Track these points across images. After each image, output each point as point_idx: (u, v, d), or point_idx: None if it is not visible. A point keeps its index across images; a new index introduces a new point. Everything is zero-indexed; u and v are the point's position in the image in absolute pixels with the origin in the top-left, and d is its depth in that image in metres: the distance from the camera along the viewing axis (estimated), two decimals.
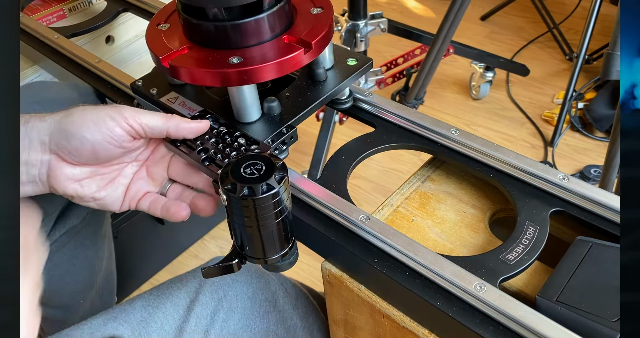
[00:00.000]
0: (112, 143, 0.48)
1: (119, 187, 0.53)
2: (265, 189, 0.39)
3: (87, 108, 0.48)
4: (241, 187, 0.39)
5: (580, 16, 1.75)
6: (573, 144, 1.47)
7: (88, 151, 0.47)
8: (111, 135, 0.47)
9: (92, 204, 0.52)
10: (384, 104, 0.60)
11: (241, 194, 0.39)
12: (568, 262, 0.43)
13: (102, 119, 0.47)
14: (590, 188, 0.48)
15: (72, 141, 0.47)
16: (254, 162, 0.41)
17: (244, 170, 0.40)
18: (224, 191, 0.40)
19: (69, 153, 0.47)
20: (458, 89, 1.69)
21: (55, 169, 0.48)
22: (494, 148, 0.53)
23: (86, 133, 0.46)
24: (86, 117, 0.47)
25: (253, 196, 0.39)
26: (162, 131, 0.49)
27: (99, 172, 0.51)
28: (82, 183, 0.50)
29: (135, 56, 1.02)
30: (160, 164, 0.54)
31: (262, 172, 0.40)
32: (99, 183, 0.51)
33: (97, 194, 0.51)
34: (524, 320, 0.39)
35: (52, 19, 0.97)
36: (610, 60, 0.93)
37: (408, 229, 0.53)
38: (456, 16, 1.26)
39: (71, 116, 0.47)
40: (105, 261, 0.91)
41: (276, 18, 0.50)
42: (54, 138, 0.47)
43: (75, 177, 0.49)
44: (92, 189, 0.51)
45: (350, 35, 1.42)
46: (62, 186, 0.49)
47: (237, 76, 0.48)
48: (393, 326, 0.49)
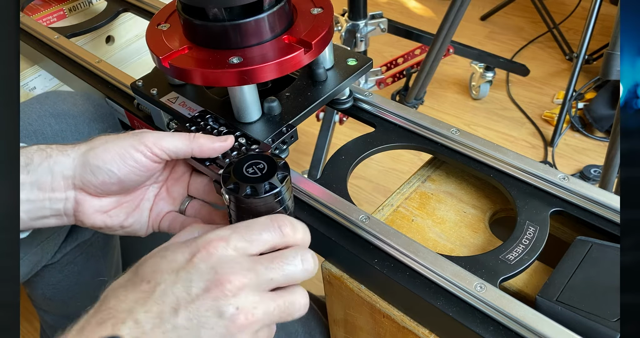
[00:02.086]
0: (138, 172, 0.47)
1: (144, 211, 0.51)
2: (267, 188, 0.39)
3: (108, 140, 0.46)
4: (244, 186, 0.39)
5: (580, 16, 1.75)
6: (573, 144, 1.46)
7: (115, 184, 0.46)
8: (137, 166, 0.46)
9: (120, 232, 0.51)
10: (384, 104, 0.60)
11: (244, 194, 0.39)
12: (568, 262, 0.43)
13: (127, 150, 0.45)
14: (590, 188, 0.48)
15: (98, 175, 0.45)
16: (256, 161, 0.40)
17: (246, 169, 0.40)
18: (226, 191, 0.40)
19: (94, 186, 0.46)
20: (458, 89, 1.69)
21: (82, 203, 0.47)
22: (494, 148, 0.53)
23: (112, 167, 0.45)
24: (110, 150, 0.45)
25: (256, 196, 0.38)
26: (186, 153, 0.47)
27: (124, 200, 0.50)
28: (110, 214, 0.49)
29: (135, 56, 1.02)
30: (180, 182, 0.53)
31: (265, 171, 0.40)
32: (126, 211, 0.50)
33: (125, 222, 0.50)
34: (524, 320, 0.39)
35: (52, 19, 0.97)
36: (610, 60, 0.93)
37: (408, 229, 0.53)
38: (456, 16, 1.26)
39: (94, 150, 0.46)
40: (114, 270, 0.91)
41: (276, 18, 0.50)
42: (79, 173, 0.46)
43: (103, 209, 0.48)
44: (121, 218, 0.50)
45: (350, 35, 1.42)
46: (90, 219, 0.48)
47: (237, 76, 0.48)
48: (393, 326, 0.49)
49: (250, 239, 0.37)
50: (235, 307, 0.34)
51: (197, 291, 0.34)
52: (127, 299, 0.35)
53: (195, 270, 0.35)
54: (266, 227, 0.38)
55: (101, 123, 0.70)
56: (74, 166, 0.46)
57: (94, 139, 0.47)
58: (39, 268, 0.75)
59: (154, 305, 0.34)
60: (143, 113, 0.66)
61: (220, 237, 0.36)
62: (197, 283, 0.35)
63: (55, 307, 0.87)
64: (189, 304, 0.34)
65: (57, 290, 0.83)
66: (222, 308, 0.34)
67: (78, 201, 0.47)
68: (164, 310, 0.34)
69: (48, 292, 0.83)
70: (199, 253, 0.36)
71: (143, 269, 0.37)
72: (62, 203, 0.47)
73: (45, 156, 0.46)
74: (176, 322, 0.34)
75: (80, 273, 0.82)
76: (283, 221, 0.38)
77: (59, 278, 0.80)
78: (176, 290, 0.35)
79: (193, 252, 0.36)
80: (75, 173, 0.46)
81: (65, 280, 0.81)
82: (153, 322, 0.34)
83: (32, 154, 0.46)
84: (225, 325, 0.34)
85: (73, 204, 0.47)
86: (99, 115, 0.70)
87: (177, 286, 0.35)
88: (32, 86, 0.91)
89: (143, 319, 0.34)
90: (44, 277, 0.80)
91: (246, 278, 0.35)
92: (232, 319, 0.34)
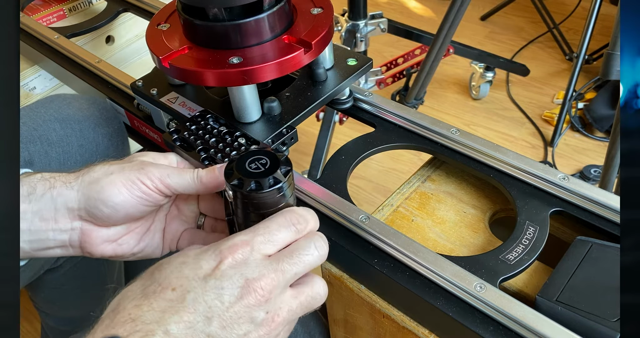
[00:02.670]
0: (146, 203, 0.46)
1: (156, 234, 0.50)
2: (272, 182, 0.39)
3: (113, 171, 0.45)
4: (248, 182, 0.39)
5: (580, 16, 1.75)
6: (573, 144, 1.46)
7: (121, 215, 0.45)
8: (144, 197, 0.45)
9: (133, 258, 0.50)
10: (384, 104, 0.60)
11: (249, 189, 0.39)
12: (568, 262, 0.43)
13: (133, 182, 0.44)
14: (590, 188, 0.48)
15: (104, 209, 0.44)
16: (258, 157, 0.41)
17: (249, 165, 0.40)
18: (230, 187, 0.40)
19: (100, 219, 0.45)
20: (458, 89, 1.69)
21: (89, 234, 0.46)
22: (494, 148, 0.53)
23: (118, 199, 0.44)
24: (116, 183, 0.44)
25: (260, 190, 0.39)
26: (192, 192, 0.46)
27: (133, 226, 0.49)
28: (119, 242, 0.48)
29: (135, 56, 1.02)
30: (189, 201, 0.52)
31: (267, 166, 0.40)
32: (136, 237, 0.49)
33: (135, 248, 0.49)
34: (524, 320, 0.39)
35: (52, 19, 0.97)
36: (610, 60, 0.93)
37: (408, 229, 0.53)
38: (456, 16, 1.26)
39: (99, 182, 0.44)
40: (117, 272, 0.91)
41: (276, 18, 0.50)
42: (83, 205, 0.45)
43: (111, 238, 0.47)
44: (131, 245, 0.48)
45: (350, 35, 1.42)
46: (99, 249, 0.47)
47: (237, 76, 0.48)
48: (393, 326, 0.49)
49: (272, 240, 0.38)
50: (266, 311, 0.35)
51: (229, 299, 0.34)
52: (152, 309, 0.34)
53: (225, 277, 0.35)
54: (282, 226, 0.38)
55: (106, 127, 0.70)
56: (78, 199, 0.45)
57: (96, 167, 0.46)
58: (41, 272, 0.75)
59: (185, 314, 0.34)
60: (143, 113, 0.66)
61: (244, 242, 0.37)
62: (229, 290, 0.35)
63: (58, 310, 0.88)
64: (224, 312, 0.34)
65: (59, 293, 0.83)
66: (253, 314, 0.35)
67: (84, 232, 0.46)
68: (197, 319, 0.34)
69: (50, 296, 0.83)
70: (226, 259, 0.36)
71: (162, 276, 0.36)
72: (67, 234, 0.46)
73: (48, 186, 0.45)
74: (210, 331, 0.34)
75: (82, 277, 0.82)
76: (295, 218, 0.39)
77: (62, 281, 0.80)
78: (208, 298, 0.34)
79: (219, 259, 0.36)
80: (80, 206, 0.45)
81: (67, 283, 0.81)
82: (185, 333, 0.33)
83: (36, 184, 0.45)
84: (256, 329, 0.35)
85: (79, 236, 0.46)
86: (104, 119, 0.70)
87: (209, 294, 0.34)
88: (32, 86, 0.91)
89: (175, 330, 0.33)
90: (47, 281, 0.80)
91: (275, 280, 0.36)
92: (263, 324, 0.35)
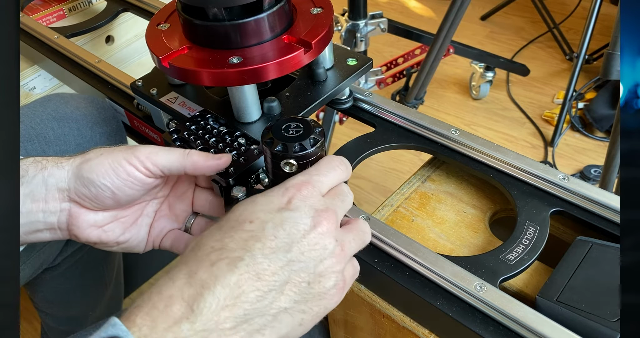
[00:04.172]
0: (131, 186, 0.46)
1: (142, 227, 0.51)
2: (298, 149, 0.42)
3: (103, 152, 0.46)
4: (277, 143, 0.42)
5: (580, 16, 1.75)
6: (573, 144, 1.46)
7: (108, 197, 0.46)
8: (129, 179, 0.45)
9: (116, 248, 0.50)
10: (384, 104, 0.60)
11: (276, 149, 0.42)
12: (568, 262, 0.43)
13: (120, 163, 0.45)
14: (590, 188, 0.48)
15: (91, 188, 0.45)
16: (297, 124, 0.43)
17: (285, 130, 0.43)
18: (263, 143, 0.43)
19: (89, 199, 0.46)
20: (458, 89, 1.69)
21: (76, 216, 0.47)
22: (494, 148, 0.53)
23: (105, 180, 0.45)
24: (103, 163, 0.45)
25: (286, 152, 0.42)
26: (179, 170, 0.47)
27: (120, 215, 0.49)
28: (105, 229, 0.48)
29: (135, 56, 1.02)
30: (183, 199, 0.52)
31: (301, 133, 0.42)
32: (122, 226, 0.49)
33: (121, 237, 0.49)
34: (524, 320, 0.39)
35: (52, 19, 0.97)
36: (611, 60, 0.93)
37: (408, 229, 0.53)
38: (456, 16, 1.26)
39: (88, 162, 0.45)
40: (115, 273, 0.91)
41: (276, 18, 0.50)
42: (72, 185, 0.45)
43: (97, 223, 0.48)
44: (116, 234, 0.49)
45: (350, 35, 1.42)
46: (85, 233, 0.47)
47: (237, 76, 0.48)
48: (393, 326, 0.49)
49: (324, 181, 0.41)
50: (335, 239, 0.38)
51: (305, 227, 0.37)
52: (234, 240, 0.37)
53: (297, 209, 0.38)
54: (330, 169, 0.42)
55: (104, 126, 0.70)
56: (68, 179, 0.45)
57: (90, 151, 0.47)
58: (40, 271, 0.75)
59: (267, 241, 0.36)
60: (143, 113, 0.66)
61: (304, 181, 0.40)
62: (303, 219, 0.37)
63: (57, 310, 0.88)
64: (300, 239, 0.37)
65: (58, 292, 0.83)
66: (326, 241, 0.37)
67: (72, 214, 0.46)
68: (279, 245, 0.36)
69: (49, 295, 0.83)
70: (295, 195, 0.39)
71: (236, 214, 0.39)
72: (55, 216, 0.46)
73: (40, 167, 0.45)
74: (291, 257, 0.36)
75: (81, 276, 0.82)
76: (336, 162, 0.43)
77: (60, 281, 0.80)
78: (286, 227, 0.37)
79: (289, 194, 0.39)
80: (69, 186, 0.45)
81: (66, 283, 0.81)
82: (270, 258, 0.36)
83: (27, 166, 0.45)
84: (330, 256, 0.38)
85: (67, 218, 0.46)
86: (102, 118, 0.70)
87: (286, 223, 0.37)
88: (32, 86, 0.91)
89: (260, 256, 0.36)
90: (45, 280, 0.80)
91: (336, 214, 0.39)
92: (335, 251, 0.38)
